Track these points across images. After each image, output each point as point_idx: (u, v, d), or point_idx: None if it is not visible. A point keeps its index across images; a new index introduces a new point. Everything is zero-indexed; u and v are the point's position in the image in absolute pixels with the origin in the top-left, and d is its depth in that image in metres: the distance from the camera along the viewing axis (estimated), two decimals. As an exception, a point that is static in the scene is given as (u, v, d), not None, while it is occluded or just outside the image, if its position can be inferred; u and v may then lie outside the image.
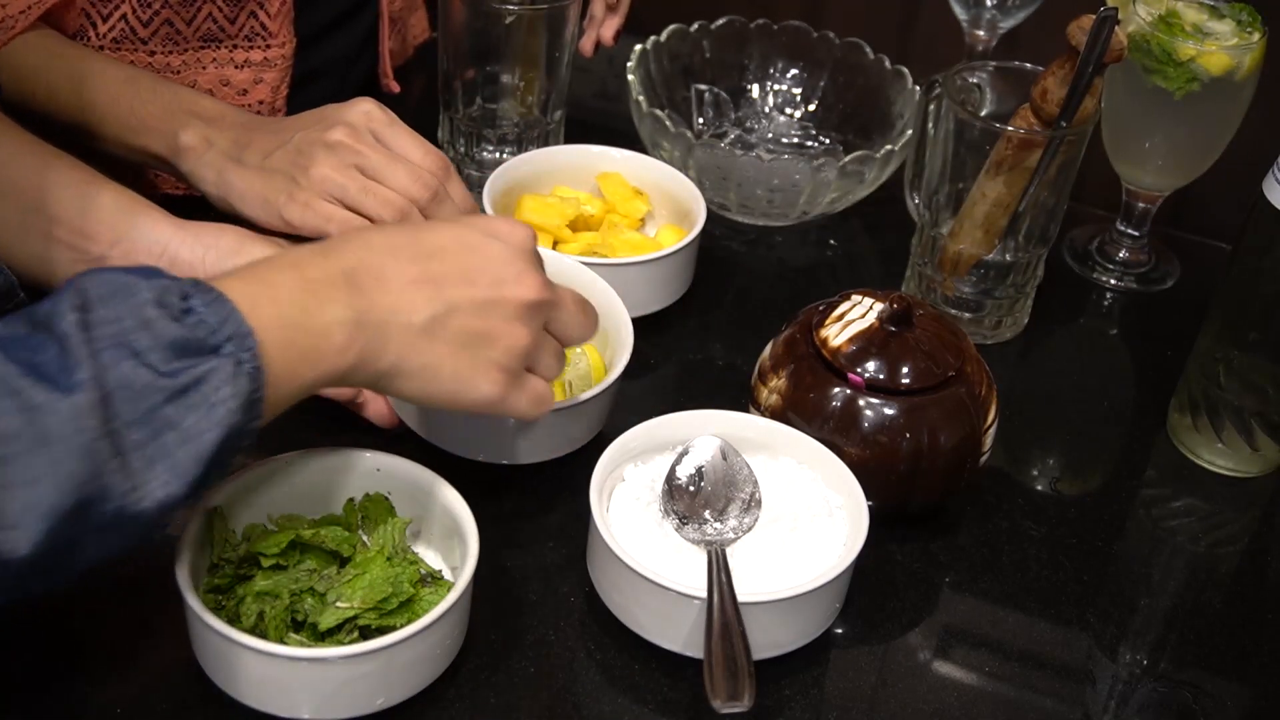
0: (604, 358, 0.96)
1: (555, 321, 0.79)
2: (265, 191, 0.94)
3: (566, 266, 0.98)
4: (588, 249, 1.06)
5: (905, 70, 1.22)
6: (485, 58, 1.14)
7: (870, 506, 0.84)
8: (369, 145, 0.94)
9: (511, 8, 1.10)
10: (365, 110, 0.96)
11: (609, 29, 1.26)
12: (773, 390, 0.91)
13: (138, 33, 1.04)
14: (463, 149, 1.18)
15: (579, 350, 0.96)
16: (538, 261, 0.78)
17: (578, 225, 1.09)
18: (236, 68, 1.08)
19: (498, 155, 1.17)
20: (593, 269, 0.99)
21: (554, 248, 1.05)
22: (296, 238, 0.93)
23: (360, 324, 0.70)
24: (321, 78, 1.16)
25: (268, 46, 1.08)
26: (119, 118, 0.98)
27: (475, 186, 1.04)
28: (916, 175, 1.11)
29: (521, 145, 1.17)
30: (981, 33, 1.28)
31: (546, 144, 1.18)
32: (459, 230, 0.76)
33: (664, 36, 1.24)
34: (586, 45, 1.25)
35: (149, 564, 0.80)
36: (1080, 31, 0.94)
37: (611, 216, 1.10)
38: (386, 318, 0.71)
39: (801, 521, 0.85)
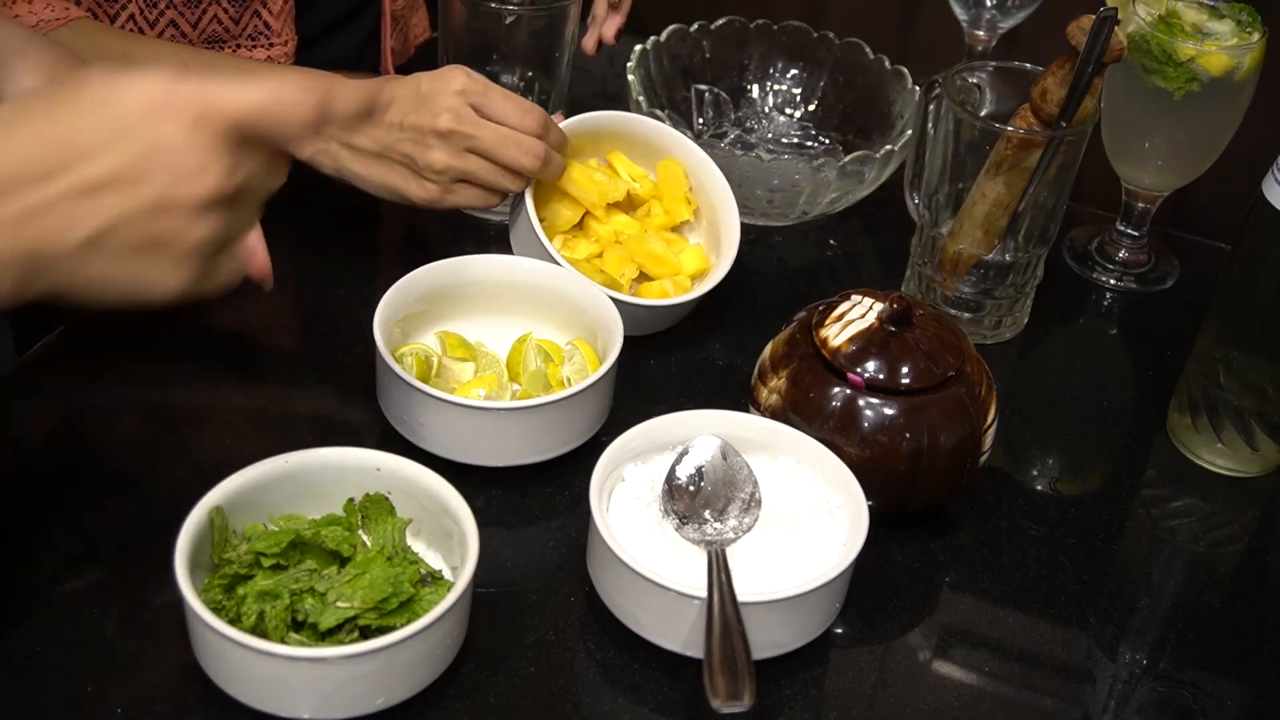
0: (597, 354, 0.96)
1: (250, 184, 0.68)
2: (388, 180, 1.00)
3: (544, 270, 0.99)
4: (612, 236, 1.06)
5: (905, 70, 1.22)
6: (485, 58, 1.14)
7: (870, 506, 0.84)
8: (475, 125, 0.99)
9: (511, 8, 1.10)
10: (460, 88, 1.00)
11: (611, 27, 1.26)
12: (773, 390, 0.91)
13: (145, 34, 1.04)
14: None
15: (572, 346, 0.96)
16: (219, 139, 0.65)
17: (620, 204, 1.09)
18: (239, 67, 1.08)
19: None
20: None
21: (582, 220, 1.06)
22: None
23: (5, 262, 0.62)
24: (323, 77, 1.16)
25: (270, 45, 1.08)
26: None
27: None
28: (916, 175, 1.11)
29: (521, 145, 1.17)
30: (981, 33, 1.28)
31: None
32: (115, 116, 0.64)
33: (664, 36, 1.24)
34: (589, 44, 1.26)
35: (149, 564, 0.81)
36: (1080, 31, 0.94)
37: (654, 204, 1.10)
38: (36, 245, 0.63)
39: (801, 521, 0.85)
